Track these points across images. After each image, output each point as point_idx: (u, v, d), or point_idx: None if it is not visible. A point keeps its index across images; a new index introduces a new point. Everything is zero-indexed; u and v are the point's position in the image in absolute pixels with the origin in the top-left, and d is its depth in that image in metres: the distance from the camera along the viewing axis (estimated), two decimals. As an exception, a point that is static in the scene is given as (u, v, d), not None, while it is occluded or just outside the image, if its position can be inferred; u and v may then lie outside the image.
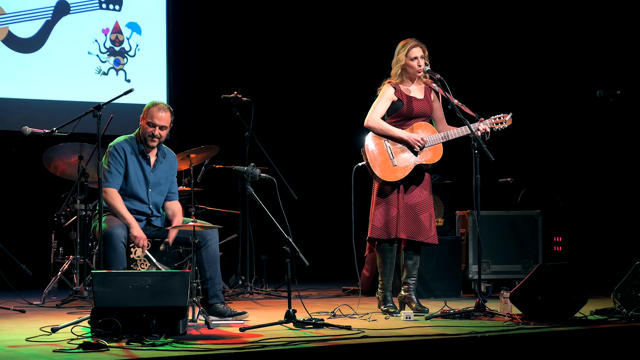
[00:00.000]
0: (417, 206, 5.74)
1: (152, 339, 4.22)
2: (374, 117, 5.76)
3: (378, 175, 5.68)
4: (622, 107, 6.52)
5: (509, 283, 7.28)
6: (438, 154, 5.74)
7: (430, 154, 5.73)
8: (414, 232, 5.72)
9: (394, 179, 5.68)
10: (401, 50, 5.81)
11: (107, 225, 5.25)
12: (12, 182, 8.44)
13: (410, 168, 5.70)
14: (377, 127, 5.75)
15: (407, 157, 5.71)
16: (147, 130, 5.50)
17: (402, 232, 5.69)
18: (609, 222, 9.09)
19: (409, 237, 5.72)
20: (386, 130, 5.74)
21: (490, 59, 9.69)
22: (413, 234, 5.72)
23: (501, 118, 5.75)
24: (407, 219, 5.71)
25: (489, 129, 5.69)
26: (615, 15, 9.49)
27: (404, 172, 5.69)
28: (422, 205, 5.76)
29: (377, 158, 5.70)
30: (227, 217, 7.68)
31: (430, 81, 5.86)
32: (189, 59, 9.21)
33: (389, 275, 5.78)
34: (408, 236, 5.72)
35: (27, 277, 6.20)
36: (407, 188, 5.74)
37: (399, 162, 5.70)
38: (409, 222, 5.72)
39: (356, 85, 8.96)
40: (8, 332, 4.81)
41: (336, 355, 4.10)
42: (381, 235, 5.72)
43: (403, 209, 5.71)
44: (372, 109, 5.80)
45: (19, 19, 8.42)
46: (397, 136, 5.72)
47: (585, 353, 4.64)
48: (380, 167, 5.68)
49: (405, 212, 5.71)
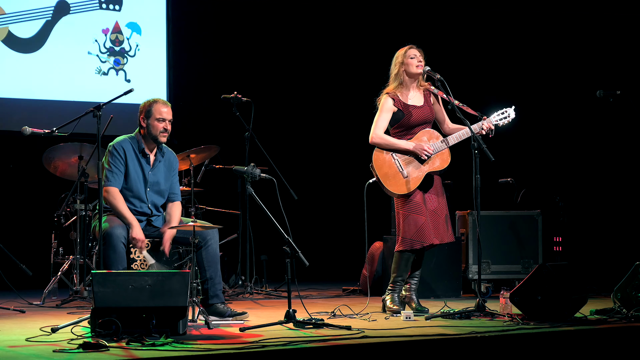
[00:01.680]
0: (438, 209, 5.74)
1: (152, 339, 4.22)
2: (378, 132, 5.72)
3: (391, 190, 5.66)
4: (622, 107, 6.52)
5: (509, 283, 7.28)
6: (446, 160, 5.73)
7: (439, 161, 5.72)
8: (444, 235, 5.74)
9: (408, 191, 5.65)
10: (399, 52, 5.82)
11: (107, 225, 5.25)
12: (12, 182, 8.44)
13: (422, 177, 5.68)
14: (382, 142, 5.71)
15: (417, 167, 5.69)
16: (158, 127, 5.49)
17: (435, 238, 5.68)
18: (609, 222, 9.09)
19: (441, 242, 5.73)
20: (392, 144, 5.71)
21: (491, 59, 9.68)
22: (443, 237, 5.73)
23: (504, 112, 5.75)
24: (436, 225, 5.71)
25: (493, 126, 5.69)
26: (615, 15, 9.48)
27: (415, 183, 5.67)
28: (442, 208, 5.77)
29: (388, 173, 5.66)
30: (227, 217, 7.68)
31: (428, 84, 5.85)
32: (189, 59, 9.21)
33: (403, 280, 5.79)
34: (441, 241, 5.72)
35: (27, 277, 6.19)
36: (425, 194, 5.72)
37: (409, 173, 5.67)
38: (439, 227, 5.71)
39: (356, 85, 8.98)
40: (8, 332, 4.81)
41: (336, 355, 4.10)
42: (414, 245, 5.67)
43: (429, 215, 5.69)
44: (374, 125, 5.76)
45: (19, 19, 8.41)
46: (404, 148, 5.69)
47: (585, 353, 4.64)
48: (391, 182, 5.65)
49: (432, 218, 5.70)
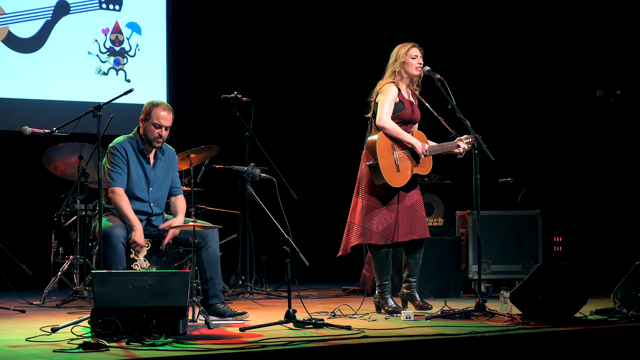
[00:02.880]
0: (416, 204, 5.76)
1: (152, 339, 4.22)
2: (387, 118, 5.63)
3: (384, 177, 5.60)
4: (622, 107, 6.52)
5: (509, 283, 7.28)
6: (430, 165, 5.79)
7: (426, 165, 5.76)
8: (421, 230, 5.73)
9: (397, 185, 5.66)
10: (401, 49, 5.79)
11: (107, 225, 5.24)
12: (12, 182, 8.44)
13: (409, 176, 5.70)
14: (390, 128, 5.64)
15: (408, 165, 5.70)
16: (153, 132, 5.46)
17: (412, 233, 5.71)
18: (609, 222, 9.09)
19: (419, 237, 5.73)
20: (398, 133, 5.66)
21: (491, 59, 9.68)
22: (421, 233, 5.73)
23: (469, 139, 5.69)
24: (412, 220, 5.72)
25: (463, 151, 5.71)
26: (615, 15, 9.48)
27: (404, 180, 5.68)
28: (418, 204, 5.79)
29: (385, 161, 5.64)
30: (227, 217, 7.68)
31: (416, 88, 5.85)
32: (189, 59, 9.21)
33: (388, 277, 5.77)
34: (418, 236, 5.73)
35: (27, 277, 6.19)
36: (406, 192, 5.74)
37: (401, 169, 5.68)
38: (415, 222, 5.72)
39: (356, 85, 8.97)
40: (8, 332, 4.81)
41: (336, 355, 4.10)
42: (379, 241, 5.67)
43: (406, 211, 5.70)
44: (381, 108, 5.63)
45: (19, 19, 8.41)
46: (407, 141, 5.67)
47: (585, 353, 4.64)
48: (386, 171, 5.64)
49: (408, 214, 5.71)
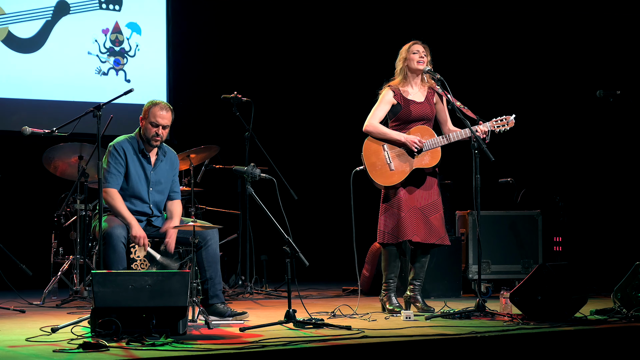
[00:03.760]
0: (426, 208, 5.72)
1: (152, 339, 4.22)
2: (372, 121, 5.75)
3: (375, 180, 5.67)
4: (622, 107, 6.52)
5: (509, 283, 7.28)
6: (436, 157, 5.71)
7: (428, 157, 5.70)
8: (426, 234, 5.71)
9: (391, 183, 5.66)
10: (404, 47, 5.83)
11: (107, 225, 5.25)
12: (12, 182, 8.43)
13: (408, 172, 5.68)
14: (374, 130, 5.73)
15: (405, 161, 5.68)
16: (151, 131, 5.47)
17: (416, 235, 5.67)
18: (609, 222, 9.08)
19: (422, 240, 5.70)
20: (383, 133, 5.72)
21: (491, 59, 9.69)
22: (425, 237, 5.71)
23: (503, 120, 5.71)
24: (418, 222, 5.69)
25: (489, 131, 5.66)
26: (615, 15, 9.48)
27: (400, 176, 5.67)
28: (432, 207, 5.74)
29: (375, 164, 5.67)
30: (227, 217, 7.68)
31: (434, 83, 5.84)
32: (189, 59, 9.21)
33: (394, 276, 5.78)
34: (422, 239, 5.69)
35: (27, 277, 6.19)
36: (412, 191, 5.71)
37: (395, 167, 5.68)
38: (420, 225, 5.69)
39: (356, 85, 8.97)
40: (8, 332, 4.81)
41: (336, 355, 4.10)
42: (389, 240, 5.69)
43: (411, 212, 5.68)
44: (371, 114, 5.79)
45: (19, 19, 8.41)
46: (395, 139, 5.70)
47: (585, 353, 4.64)
48: (377, 173, 5.66)
49: (414, 215, 5.68)
